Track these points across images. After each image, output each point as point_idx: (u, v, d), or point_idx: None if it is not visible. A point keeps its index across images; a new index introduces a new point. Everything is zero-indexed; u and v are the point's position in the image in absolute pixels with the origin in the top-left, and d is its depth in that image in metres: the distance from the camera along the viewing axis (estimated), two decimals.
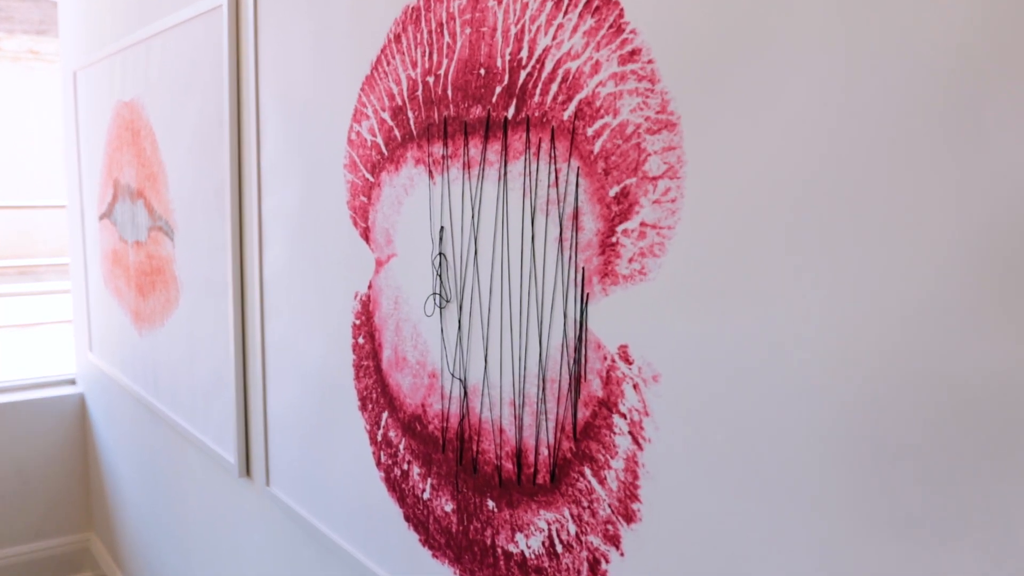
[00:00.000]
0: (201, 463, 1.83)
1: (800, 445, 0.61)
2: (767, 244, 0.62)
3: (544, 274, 0.81)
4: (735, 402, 0.65)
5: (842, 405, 0.58)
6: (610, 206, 0.73)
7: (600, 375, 0.76)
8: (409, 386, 1.03)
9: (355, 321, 1.14)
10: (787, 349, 0.61)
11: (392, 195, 1.03)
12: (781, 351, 0.61)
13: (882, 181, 0.55)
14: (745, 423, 0.64)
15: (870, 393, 0.57)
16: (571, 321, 0.78)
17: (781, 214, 0.61)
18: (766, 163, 0.61)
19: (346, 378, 1.17)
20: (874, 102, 0.55)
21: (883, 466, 0.56)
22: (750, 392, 0.64)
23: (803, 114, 0.59)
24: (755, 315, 0.63)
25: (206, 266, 1.65)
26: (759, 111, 0.62)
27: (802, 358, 0.60)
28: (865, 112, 0.56)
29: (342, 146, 1.13)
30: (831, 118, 0.58)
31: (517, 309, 0.85)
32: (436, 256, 0.96)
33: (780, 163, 0.61)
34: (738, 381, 0.64)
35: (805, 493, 0.61)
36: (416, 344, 1.01)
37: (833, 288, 0.58)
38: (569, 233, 0.78)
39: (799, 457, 0.61)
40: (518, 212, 0.83)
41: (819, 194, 0.58)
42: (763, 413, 0.63)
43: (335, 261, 1.18)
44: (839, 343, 0.58)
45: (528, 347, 0.84)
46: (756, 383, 0.63)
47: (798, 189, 0.60)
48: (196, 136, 1.64)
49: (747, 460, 0.64)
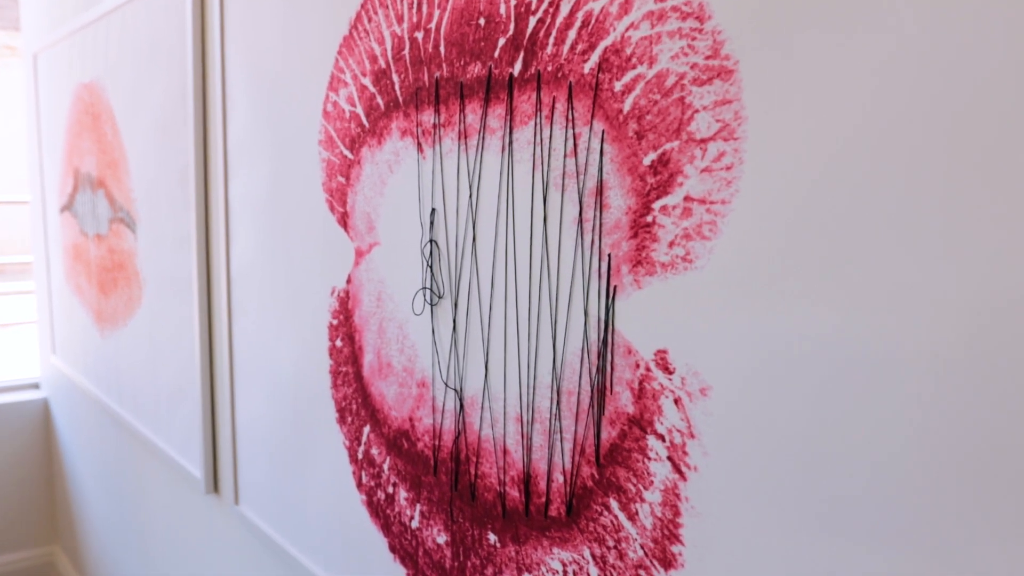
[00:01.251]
0: (166, 476, 1.67)
1: (901, 480, 0.47)
2: (856, 220, 0.48)
3: (560, 263, 0.66)
4: (811, 423, 0.51)
5: (964, 425, 0.44)
6: (644, 177, 0.59)
7: (631, 387, 0.62)
8: (395, 397, 0.88)
9: (332, 321, 0.99)
10: (885, 356, 0.47)
11: (374, 174, 0.88)
12: (876, 358, 0.47)
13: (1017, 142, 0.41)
14: (824, 449, 0.50)
15: (1003, 409, 0.43)
16: (593, 321, 0.64)
17: (876, 181, 0.47)
18: (856, 116, 0.47)
19: (322, 386, 1.03)
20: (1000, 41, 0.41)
21: (1008, 506, 0.42)
22: (832, 410, 0.50)
23: (908, 52, 0.45)
24: (841, 311, 0.49)
25: (169, 261, 1.49)
26: (845, 50, 0.48)
27: (906, 366, 0.46)
28: (992, 51, 0.42)
29: (316, 119, 0.98)
30: (946, 56, 0.44)
31: (525, 306, 0.70)
32: (426, 244, 0.81)
33: (875, 116, 0.47)
34: (816, 396, 0.50)
35: (908, 542, 0.47)
36: (403, 348, 0.86)
37: (952, 275, 0.44)
38: (591, 212, 0.63)
39: (898, 496, 0.47)
40: (526, 188, 0.69)
41: (933, 153, 0.44)
42: (849, 438, 0.49)
43: (309, 252, 1.03)
44: (957, 344, 0.44)
45: (539, 352, 0.69)
46: (840, 399, 0.49)
47: (902, 148, 0.46)
48: (159, 116, 1.48)
49: (824, 497, 0.50)
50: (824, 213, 0.49)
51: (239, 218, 1.21)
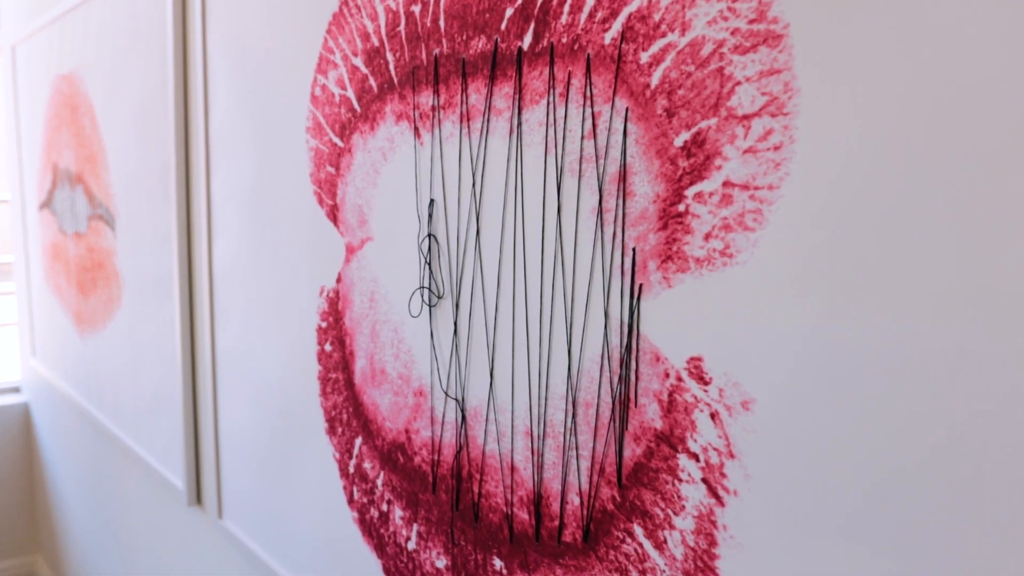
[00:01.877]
0: (148, 487, 1.59)
1: (984, 513, 0.40)
2: (927, 208, 0.41)
3: (576, 259, 0.59)
4: (874, 443, 0.44)
5: None
6: (675, 160, 0.52)
7: (659, 399, 0.54)
8: (389, 406, 0.81)
9: (321, 323, 0.91)
10: (966, 367, 0.40)
11: (367, 162, 0.81)
12: (954, 370, 0.40)
13: None
14: (888, 474, 0.43)
15: None
16: (615, 323, 0.57)
17: (951, 162, 0.40)
18: (927, 88, 0.40)
19: (310, 394, 0.95)
20: None
21: None
22: (899, 429, 0.43)
23: (992, 10, 0.38)
24: (910, 315, 0.42)
25: (149, 260, 1.41)
26: (914, 9, 0.41)
27: (994, 381, 0.39)
28: None
29: (304, 105, 0.91)
30: None
31: (536, 308, 0.63)
32: (424, 239, 0.74)
33: (949, 86, 0.39)
34: (879, 413, 0.43)
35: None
36: (398, 353, 0.79)
37: None
38: (613, 201, 0.56)
39: (980, 530, 0.40)
40: (538, 175, 0.62)
41: (1019, 131, 0.37)
42: (920, 462, 0.42)
43: (296, 249, 0.95)
44: None
45: (552, 359, 0.62)
46: (909, 417, 0.42)
47: (982, 125, 0.38)
48: (138, 107, 1.40)
49: (889, 530, 0.43)
50: (889, 199, 0.42)
51: (222, 213, 1.13)
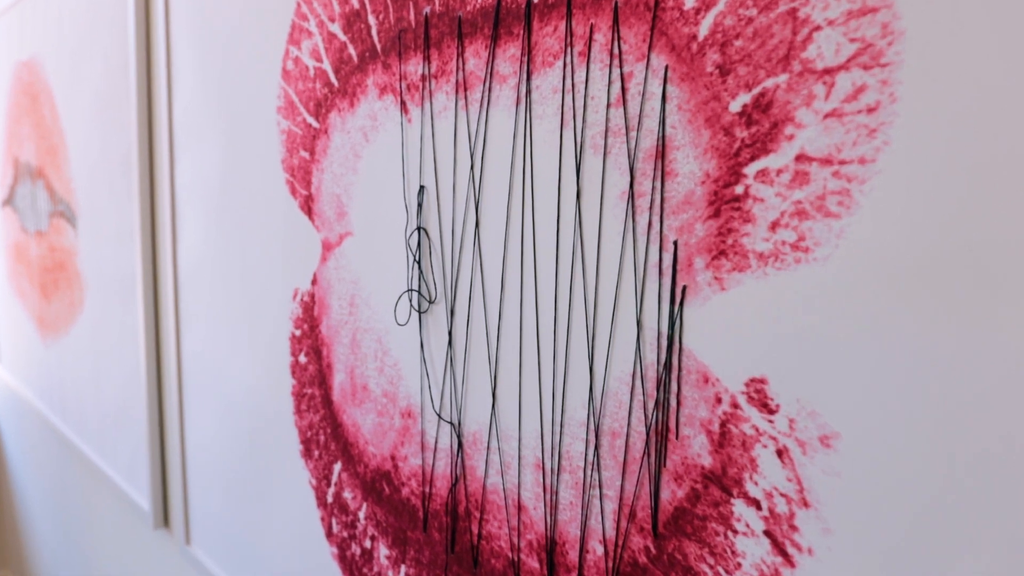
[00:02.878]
0: (114, 506, 1.47)
1: None
2: None
3: (600, 256, 0.48)
4: (1007, 496, 0.33)
5: None
6: (731, 130, 0.41)
7: (708, 429, 0.44)
8: (372, 428, 0.70)
9: (294, 331, 0.80)
10: None
11: (345, 145, 0.70)
12: None
13: None
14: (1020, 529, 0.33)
15: None
16: (651, 335, 0.46)
17: None
18: None
19: (283, 411, 0.84)
20: None
21: None
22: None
23: None
24: None
25: (112, 260, 1.29)
26: None
27: None
28: None
29: (274, 82, 0.79)
30: None
31: (550, 315, 0.52)
32: (413, 233, 0.63)
33: None
34: (1019, 455, 0.33)
35: None
36: (382, 367, 0.68)
37: None
38: (648, 183, 0.45)
39: None
40: (551, 153, 0.51)
41: None
42: None
43: (267, 247, 0.84)
44: None
45: (570, 378, 0.51)
46: None
47: None
48: (100, 93, 1.28)
49: None
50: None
51: (186, 207, 1.01)
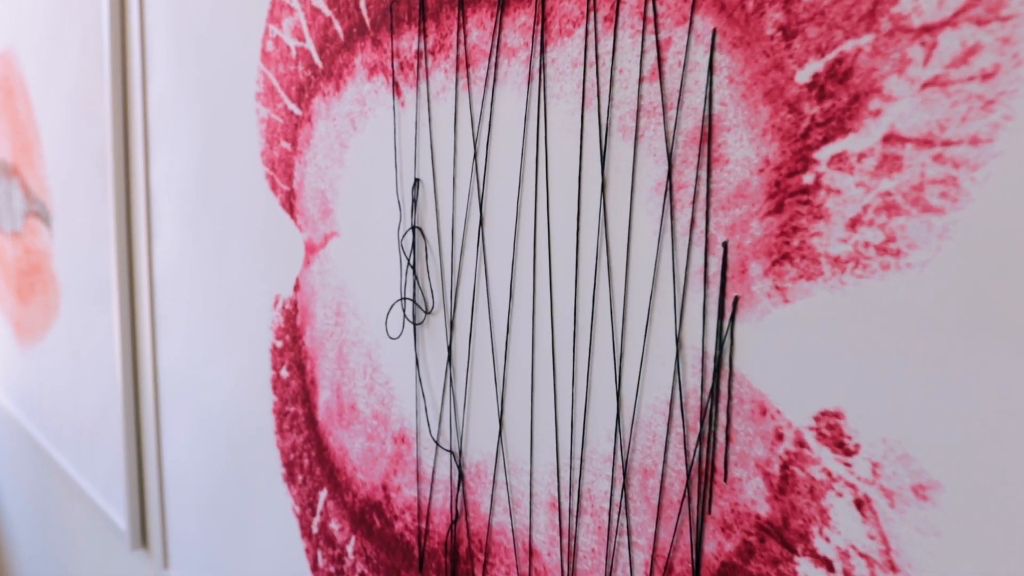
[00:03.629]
0: (91, 522, 1.39)
1: None
2: None
3: (631, 260, 0.40)
4: None
5: None
6: (798, 105, 0.33)
7: (765, 471, 0.36)
8: (361, 453, 0.62)
9: (275, 342, 0.72)
10: None
11: (331, 134, 0.62)
12: None
13: None
14: None
15: None
16: (693, 356, 0.38)
17: None
18: None
19: (264, 429, 0.76)
20: None
21: None
22: None
23: None
24: None
25: (87, 262, 1.21)
26: None
27: None
28: None
29: (253, 65, 0.72)
30: None
31: (568, 329, 0.44)
32: (407, 233, 0.55)
33: None
34: None
35: None
36: (372, 385, 0.60)
37: None
38: (691, 173, 0.37)
39: None
40: (570, 139, 0.43)
41: None
42: None
43: (245, 249, 0.76)
44: None
45: (593, 404, 0.43)
46: None
47: None
48: (74, 87, 1.20)
49: None
50: None
51: (162, 206, 0.94)
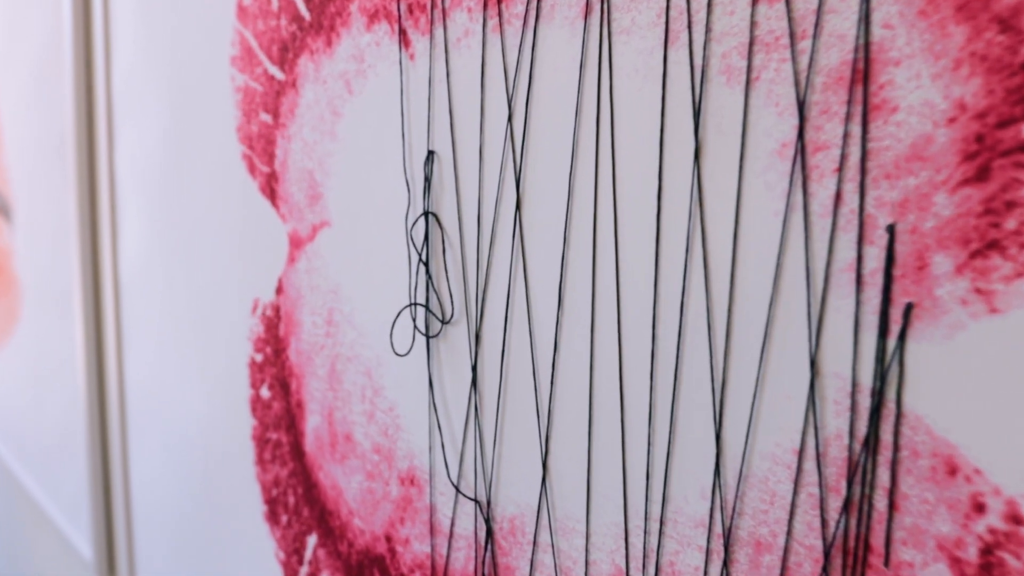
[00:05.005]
0: (56, 548, 1.27)
1: None
2: None
3: (740, 252, 0.29)
4: None
5: None
6: (1012, 21, 0.22)
7: (953, 555, 0.25)
8: (359, 494, 0.51)
9: (254, 355, 0.61)
10: None
11: (321, 100, 0.50)
12: None
13: None
14: None
15: None
16: (837, 387, 0.27)
17: None
18: None
19: (242, 459, 0.64)
20: None
21: None
22: None
23: None
24: None
25: (49, 261, 1.09)
26: None
27: None
28: None
29: (228, 24, 0.60)
30: None
31: (643, 347, 0.33)
32: (418, 220, 0.43)
33: None
34: None
35: None
36: (372, 411, 0.48)
37: None
38: (836, 128, 0.26)
39: None
40: (648, 90, 0.32)
41: None
42: None
43: (219, 244, 0.64)
44: None
45: (679, 448, 0.32)
46: None
47: None
48: (35, 65, 1.08)
49: None
50: None
51: (127, 195, 0.82)
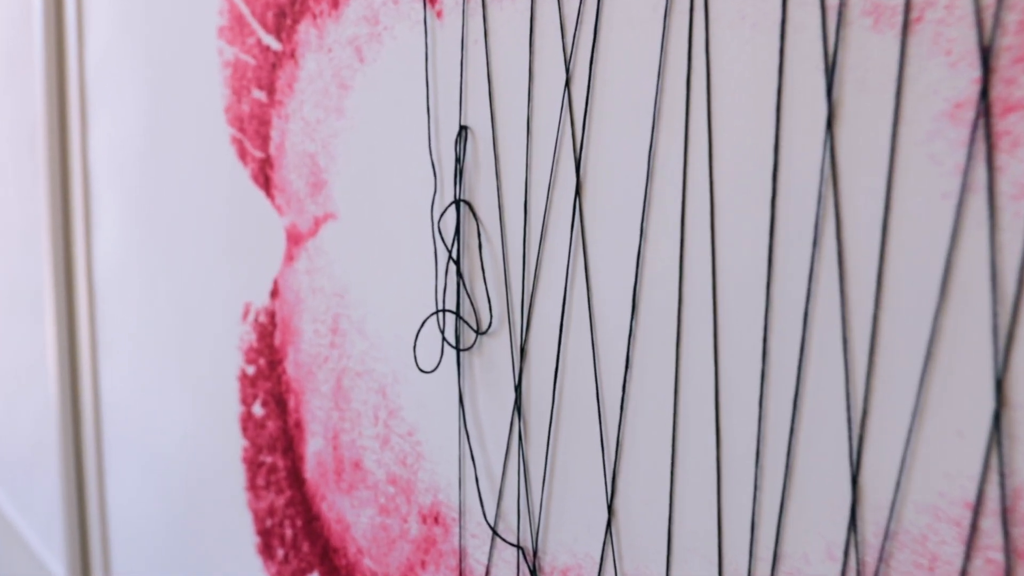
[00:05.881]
0: (27, 567, 1.19)
1: None
2: None
3: (890, 248, 0.22)
4: None
5: None
6: None
7: None
8: (370, 530, 0.44)
9: (245, 367, 0.54)
10: None
11: (326, 72, 0.43)
12: None
13: None
14: None
15: None
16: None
17: None
18: None
19: (230, 483, 0.57)
20: None
21: None
22: None
23: None
24: None
25: (19, 262, 1.02)
26: None
27: None
28: None
29: None
30: None
31: (749, 366, 0.26)
32: (447, 209, 0.36)
33: None
34: None
35: None
36: (387, 435, 0.41)
37: None
38: None
39: None
40: (759, 39, 0.25)
41: None
42: None
43: (205, 241, 0.57)
44: None
45: (798, 493, 0.25)
46: None
47: None
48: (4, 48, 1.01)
49: None
50: None
51: (103, 190, 0.75)
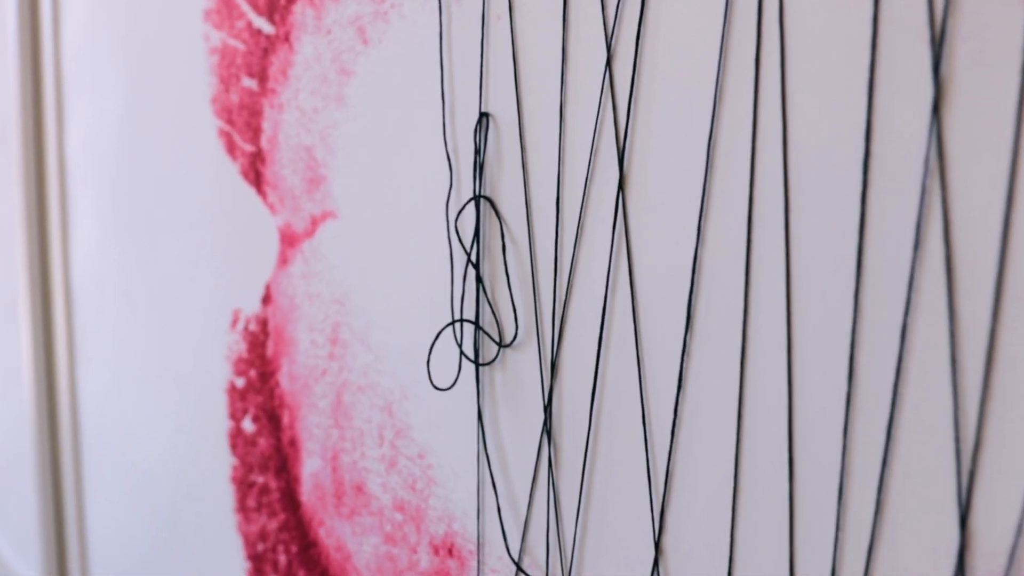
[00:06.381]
0: None
1: None
2: None
3: (1013, 245, 0.19)
4: None
5: None
6: None
7: None
8: (374, 560, 0.40)
9: (234, 380, 0.50)
10: None
11: (325, 55, 0.39)
12: None
13: None
14: None
15: None
16: None
17: None
18: None
19: (218, 504, 0.53)
20: None
21: None
22: None
23: None
24: None
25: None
26: None
27: None
28: None
29: None
30: None
31: (832, 386, 0.22)
32: (465, 207, 0.33)
33: None
34: None
35: None
36: (394, 457, 0.38)
37: None
38: None
39: None
40: (836, 12, 0.21)
41: None
42: None
43: (189, 242, 0.53)
44: None
45: (889, 533, 0.22)
46: None
47: None
48: None
49: None
50: None
51: (79, 187, 0.71)
